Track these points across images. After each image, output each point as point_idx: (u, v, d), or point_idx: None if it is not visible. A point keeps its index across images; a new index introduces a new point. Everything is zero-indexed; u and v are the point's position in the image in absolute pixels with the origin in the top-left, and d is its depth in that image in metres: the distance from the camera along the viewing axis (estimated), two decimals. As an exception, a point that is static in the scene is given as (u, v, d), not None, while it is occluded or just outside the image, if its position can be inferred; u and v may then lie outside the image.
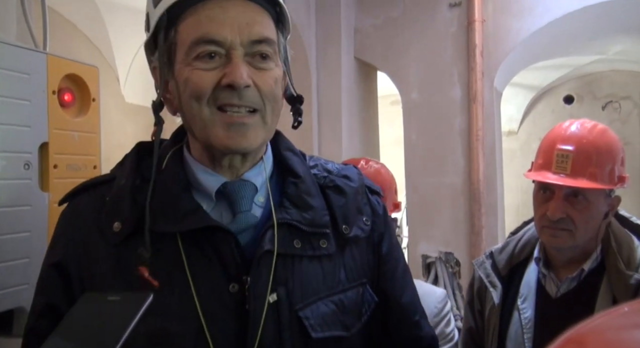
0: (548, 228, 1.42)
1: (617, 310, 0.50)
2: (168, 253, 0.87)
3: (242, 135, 0.86)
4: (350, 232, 0.96)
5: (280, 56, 0.92)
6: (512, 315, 1.52)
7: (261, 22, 0.87)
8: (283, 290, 0.88)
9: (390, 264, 1.03)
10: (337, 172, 1.02)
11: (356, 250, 0.97)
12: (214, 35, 0.84)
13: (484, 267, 1.60)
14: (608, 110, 6.74)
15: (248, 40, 0.85)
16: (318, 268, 0.92)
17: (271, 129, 0.92)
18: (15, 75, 1.32)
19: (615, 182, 1.42)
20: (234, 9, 0.85)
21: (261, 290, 0.86)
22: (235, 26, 0.84)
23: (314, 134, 3.93)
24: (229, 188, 0.92)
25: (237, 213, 0.91)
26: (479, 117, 3.67)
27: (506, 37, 3.69)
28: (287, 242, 0.89)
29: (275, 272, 0.87)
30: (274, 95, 0.89)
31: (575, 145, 1.41)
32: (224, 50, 0.84)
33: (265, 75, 0.87)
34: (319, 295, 0.90)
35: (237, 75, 0.83)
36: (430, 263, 3.90)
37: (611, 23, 3.98)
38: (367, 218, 1.00)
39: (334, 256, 0.94)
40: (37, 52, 1.41)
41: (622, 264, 1.38)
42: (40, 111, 1.38)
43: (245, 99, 0.85)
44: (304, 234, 0.91)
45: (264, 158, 0.96)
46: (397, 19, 4.01)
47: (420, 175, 3.96)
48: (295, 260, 0.90)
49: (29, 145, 1.35)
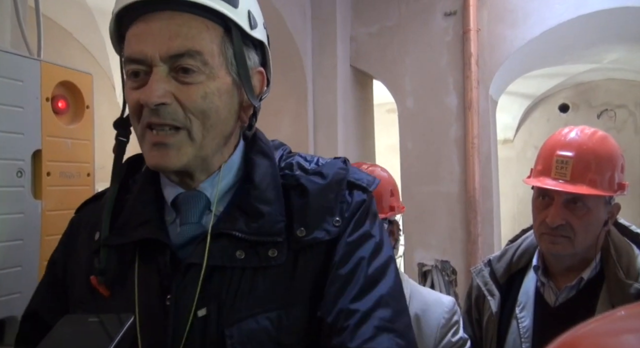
0: (547, 235, 1.41)
1: (613, 314, 0.49)
2: (126, 262, 0.90)
3: (165, 155, 0.84)
4: (309, 235, 0.86)
5: (229, 65, 0.87)
6: (511, 324, 1.51)
7: (186, 34, 0.82)
8: (214, 304, 0.83)
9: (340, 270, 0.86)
10: (313, 170, 0.94)
11: (314, 257, 0.87)
12: (135, 54, 0.82)
13: (482, 275, 1.59)
14: (603, 119, 6.76)
15: (166, 55, 0.81)
16: (263, 280, 0.85)
17: (206, 146, 0.86)
18: (8, 82, 1.31)
19: (615, 189, 1.41)
20: (157, 23, 0.82)
21: (185, 305, 0.83)
22: (157, 41, 0.81)
23: (309, 142, 3.93)
24: (180, 199, 0.92)
25: (183, 224, 0.90)
26: (475, 125, 3.68)
27: (501, 45, 3.71)
28: (226, 253, 0.85)
29: (208, 285, 0.84)
30: (203, 110, 0.84)
31: (575, 152, 1.40)
32: (146, 67, 0.82)
33: (190, 90, 0.83)
34: (253, 311, 0.84)
35: (147, 94, 0.81)
36: (427, 271, 3.89)
37: (606, 32, 4.00)
38: (338, 219, 0.89)
39: (284, 266, 0.86)
40: (31, 59, 1.40)
41: (621, 273, 1.37)
42: (33, 118, 1.37)
43: (164, 117, 0.82)
44: (250, 244, 0.85)
45: (222, 167, 0.92)
46: (393, 27, 4.02)
47: (416, 183, 3.95)
48: (235, 272, 0.85)
49: (22, 152, 1.34)
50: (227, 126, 0.89)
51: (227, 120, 0.88)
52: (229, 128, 0.90)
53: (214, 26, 0.85)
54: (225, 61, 0.86)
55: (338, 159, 0.99)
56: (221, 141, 0.90)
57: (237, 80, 0.88)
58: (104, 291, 0.89)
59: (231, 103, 0.88)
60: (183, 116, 0.83)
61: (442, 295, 1.55)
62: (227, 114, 0.88)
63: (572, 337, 0.44)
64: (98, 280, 0.89)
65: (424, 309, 1.48)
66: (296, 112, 3.96)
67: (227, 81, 0.86)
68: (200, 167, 0.90)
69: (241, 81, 0.88)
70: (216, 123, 0.86)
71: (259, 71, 0.93)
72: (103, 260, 0.89)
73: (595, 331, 0.46)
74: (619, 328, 0.47)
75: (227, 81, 0.87)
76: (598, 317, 0.48)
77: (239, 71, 0.88)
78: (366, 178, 0.96)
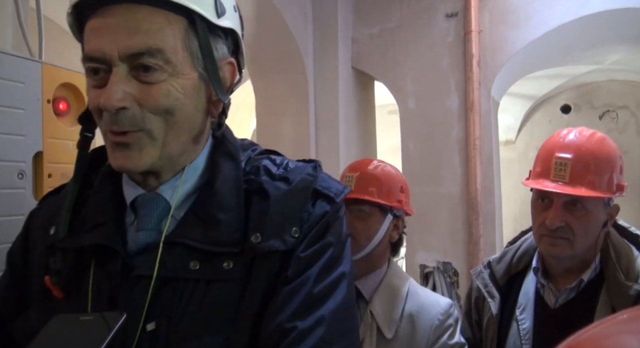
0: (547, 236, 1.40)
1: (616, 317, 0.49)
2: (82, 265, 0.84)
3: (127, 156, 0.79)
4: (263, 242, 0.80)
5: (195, 60, 0.81)
6: (511, 326, 1.50)
7: (147, 30, 0.75)
8: (165, 319, 0.77)
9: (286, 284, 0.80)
10: (279, 175, 0.88)
11: (266, 271, 0.80)
12: (93, 52, 0.76)
13: (482, 277, 1.59)
14: (605, 120, 6.75)
15: (126, 54, 0.75)
16: (215, 294, 0.78)
17: (170, 144, 0.81)
18: (10, 84, 1.31)
19: (614, 191, 1.40)
20: (115, 18, 0.75)
21: (134, 317, 0.76)
22: (115, 38, 0.75)
23: (311, 143, 3.93)
24: (138, 202, 0.85)
25: (140, 230, 0.84)
26: (476, 126, 3.68)
27: (503, 47, 3.70)
28: (180, 264, 0.79)
29: (159, 297, 0.78)
30: (166, 108, 0.78)
31: (574, 153, 1.40)
32: (105, 65, 0.76)
33: (152, 89, 0.77)
34: (204, 329, 0.78)
35: (107, 98, 0.75)
36: (428, 273, 3.89)
37: (607, 33, 3.99)
38: (296, 229, 0.82)
39: (239, 281, 0.79)
40: (32, 61, 1.40)
41: (621, 275, 1.37)
42: (34, 120, 1.37)
43: (122, 123, 0.77)
44: (205, 254, 0.79)
45: (185, 169, 0.85)
46: (394, 29, 4.03)
47: (417, 184, 3.95)
48: (188, 284, 0.78)
49: (23, 154, 1.34)
50: (195, 123, 0.83)
51: (194, 117, 0.83)
52: (197, 125, 0.84)
53: (177, 19, 0.78)
54: (191, 56, 0.80)
55: (310, 163, 0.93)
56: (189, 139, 0.84)
57: (204, 74, 0.82)
58: (57, 293, 0.83)
59: (198, 99, 0.83)
60: (141, 118, 0.77)
61: (441, 297, 1.54)
62: (194, 110, 0.82)
63: (576, 341, 0.44)
64: (52, 280, 0.83)
65: (419, 310, 1.47)
66: (297, 113, 3.96)
67: (192, 77, 0.81)
68: (167, 167, 0.84)
69: (208, 76, 0.82)
70: (181, 120, 0.80)
71: (229, 62, 0.86)
72: (59, 261, 0.84)
73: (598, 335, 0.46)
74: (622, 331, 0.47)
75: (193, 77, 0.81)
76: (601, 321, 0.48)
77: (205, 65, 0.81)
78: (335, 188, 0.89)
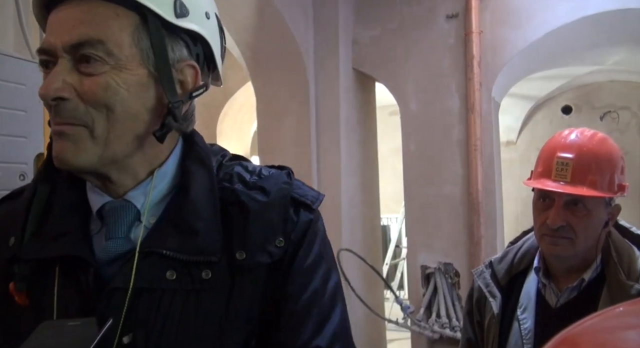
0: (548, 236, 1.41)
1: (612, 310, 0.49)
2: (47, 275, 0.79)
3: (63, 147, 0.75)
4: (249, 258, 0.80)
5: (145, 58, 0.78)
6: (512, 326, 1.51)
7: (90, 22, 0.74)
8: (141, 331, 0.75)
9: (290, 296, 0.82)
10: (253, 184, 0.86)
11: (252, 281, 0.80)
12: (43, 44, 0.76)
13: (483, 276, 1.59)
14: (606, 120, 6.75)
15: (67, 45, 0.74)
16: (194, 305, 0.77)
17: (111, 141, 0.77)
18: (11, 85, 1.32)
19: (615, 191, 1.41)
20: (66, 11, 0.75)
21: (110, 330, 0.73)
22: (61, 30, 0.74)
23: (312, 145, 3.94)
24: (106, 209, 0.81)
25: (109, 239, 0.80)
26: (477, 127, 3.68)
27: (504, 48, 3.71)
28: (156, 274, 0.76)
29: (135, 308, 0.75)
30: (105, 103, 0.75)
31: (575, 153, 1.41)
32: (53, 58, 0.75)
33: (91, 80, 0.74)
34: (186, 339, 0.76)
35: (44, 87, 0.73)
36: (430, 274, 3.89)
37: (608, 34, 4.00)
38: (281, 239, 0.82)
39: (219, 289, 0.78)
40: (34, 63, 1.41)
41: (622, 274, 1.37)
42: (36, 122, 1.38)
43: (62, 115, 0.74)
44: (182, 264, 0.77)
45: (155, 173, 0.82)
46: (395, 30, 4.03)
47: (418, 185, 3.95)
48: (165, 295, 0.76)
49: (25, 155, 1.35)
50: (140, 123, 0.79)
51: (138, 116, 0.78)
52: (143, 125, 0.79)
53: (127, 14, 0.76)
54: (140, 53, 0.77)
55: (283, 170, 0.92)
56: (133, 140, 0.79)
57: (155, 73, 0.79)
58: (21, 300, 0.78)
59: (146, 97, 0.79)
60: (84, 112, 0.75)
61: None
62: (140, 108, 0.78)
63: (572, 333, 0.45)
64: (17, 287, 0.78)
65: None
66: (298, 115, 3.97)
67: (139, 73, 0.77)
68: (115, 170, 0.80)
69: (159, 75, 0.79)
70: (123, 118, 0.76)
71: (190, 65, 0.83)
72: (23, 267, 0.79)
73: (594, 327, 0.46)
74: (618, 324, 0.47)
75: (140, 73, 0.77)
76: (597, 313, 0.49)
77: (157, 64, 0.78)
78: (311, 195, 0.89)
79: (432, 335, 3.72)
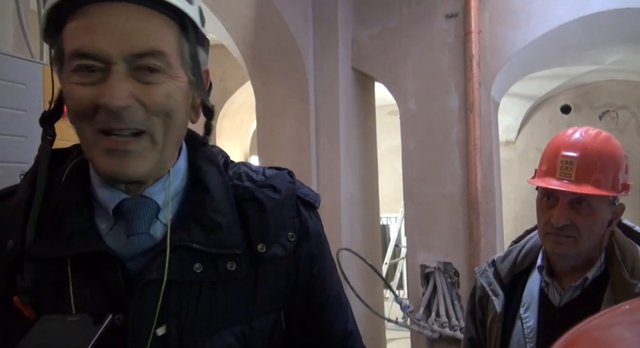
0: (552, 234, 1.41)
1: (619, 308, 0.50)
2: (55, 278, 0.79)
3: (125, 163, 0.76)
4: (268, 251, 0.86)
5: (185, 65, 0.81)
6: (515, 325, 1.51)
7: (148, 31, 0.76)
8: (174, 322, 0.78)
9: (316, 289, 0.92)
10: (262, 182, 0.91)
11: (273, 272, 0.87)
12: (89, 48, 0.73)
13: (486, 275, 1.59)
14: (605, 120, 6.76)
15: (129, 54, 0.74)
16: (222, 294, 0.82)
17: (166, 148, 0.81)
18: (11, 85, 1.31)
19: (619, 190, 1.41)
20: (116, 16, 0.74)
21: (144, 324, 0.76)
22: (115, 37, 0.73)
23: (311, 144, 3.93)
24: (126, 206, 0.82)
25: (131, 235, 0.81)
26: (477, 126, 3.68)
27: (503, 47, 3.71)
28: (184, 267, 0.80)
29: (167, 301, 0.78)
30: (166, 111, 0.78)
31: (580, 152, 1.41)
32: (102, 64, 0.74)
33: (153, 90, 0.76)
34: (217, 327, 0.80)
35: (112, 96, 0.73)
36: (429, 273, 3.89)
37: (607, 33, 4.00)
38: (292, 234, 0.89)
39: (243, 280, 0.84)
40: (34, 63, 1.41)
41: (626, 273, 1.38)
42: (36, 121, 1.36)
43: (127, 121, 0.75)
44: (208, 257, 0.81)
45: (171, 171, 0.85)
46: (394, 29, 4.03)
47: (418, 184, 3.96)
48: (193, 287, 0.80)
49: (25, 155, 1.34)
50: (184, 128, 0.85)
51: (184, 122, 0.84)
52: (184, 130, 0.86)
53: (172, 23, 0.79)
54: (182, 60, 0.81)
55: (283, 170, 0.97)
56: (178, 144, 0.85)
57: (192, 79, 0.83)
58: (29, 314, 0.76)
59: (187, 104, 0.83)
60: (145, 118, 0.76)
61: None
62: (184, 114, 0.83)
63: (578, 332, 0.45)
64: (22, 300, 0.77)
65: None
66: (298, 114, 3.97)
67: (184, 81, 0.81)
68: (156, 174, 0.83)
69: (196, 81, 0.84)
70: (177, 124, 0.81)
71: (206, 70, 0.88)
72: (28, 277, 0.77)
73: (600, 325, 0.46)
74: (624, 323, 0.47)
75: (185, 81, 0.81)
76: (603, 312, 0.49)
77: (193, 70, 0.83)
78: (312, 195, 0.96)
79: (432, 334, 3.72)
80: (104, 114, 0.74)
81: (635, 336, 0.42)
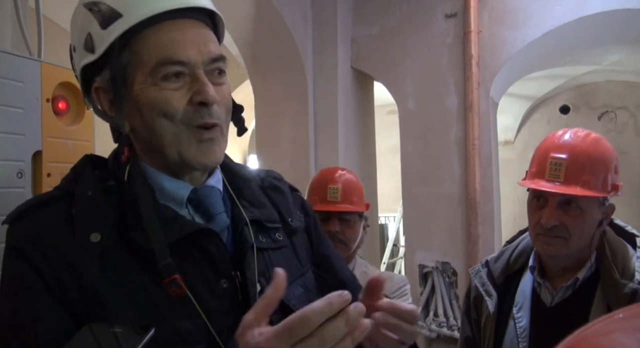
0: (542, 235, 1.42)
1: (612, 316, 0.50)
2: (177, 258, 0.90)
3: (212, 150, 0.92)
4: (294, 224, 1.07)
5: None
6: (508, 324, 1.52)
7: (213, 41, 0.94)
8: (264, 280, 0.94)
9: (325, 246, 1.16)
10: (266, 175, 1.12)
11: (300, 239, 1.08)
12: (179, 56, 0.88)
13: (480, 275, 1.60)
14: (604, 120, 6.76)
15: (208, 59, 0.90)
16: (281, 257, 1.01)
17: (225, 138, 0.96)
18: (9, 83, 1.31)
19: (609, 190, 1.42)
20: (190, 30, 0.90)
21: (251, 280, 0.92)
22: (196, 46, 0.89)
23: (310, 144, 3.93)
24: (200, 194, 0.96)
25: (214, 215, 0.96)
26: (475, 126, 3.68)
27: (502, 47, 3.71)
28: (257, 237, 0.97)
29: (257, 264, 0.95)
30: (229, 107, 0.95)
31: (569, 154, 1.42)
32: (188, 70, 0.89)
33: (223, 89, 0.93)
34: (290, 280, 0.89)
35: (208, 93, 0.88)
36: (427, 273, 3.89)
37: (606, 34, 4.00)
38: (299, 212, 1.12)
39: (288, 246, 1.04)
40: (32, 60, 1.41)
41: (616, 273, 1.39)
42: (33, 119, 1.37)
43: (215, 116, 0.90)
44: (266, 229, 1.00)
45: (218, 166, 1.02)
46: (394, 29, 4.03)
47: (416, 184, 3.96)
48: (264, 252, 0.98)
49: (23, 153, 1.35)
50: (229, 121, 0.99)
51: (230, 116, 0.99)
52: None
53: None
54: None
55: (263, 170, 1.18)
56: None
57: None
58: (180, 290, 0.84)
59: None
60: (220, 113, 0.92)
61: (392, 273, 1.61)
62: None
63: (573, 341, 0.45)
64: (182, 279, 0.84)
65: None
66: (297, 113, 3.97)
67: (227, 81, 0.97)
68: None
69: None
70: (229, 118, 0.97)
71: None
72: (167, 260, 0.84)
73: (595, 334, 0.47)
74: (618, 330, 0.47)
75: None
76: (597, 320, 0.49)
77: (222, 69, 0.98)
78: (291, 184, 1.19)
79: (430, 334, 3.73)
80: (198, 110, 0.88)
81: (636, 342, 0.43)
